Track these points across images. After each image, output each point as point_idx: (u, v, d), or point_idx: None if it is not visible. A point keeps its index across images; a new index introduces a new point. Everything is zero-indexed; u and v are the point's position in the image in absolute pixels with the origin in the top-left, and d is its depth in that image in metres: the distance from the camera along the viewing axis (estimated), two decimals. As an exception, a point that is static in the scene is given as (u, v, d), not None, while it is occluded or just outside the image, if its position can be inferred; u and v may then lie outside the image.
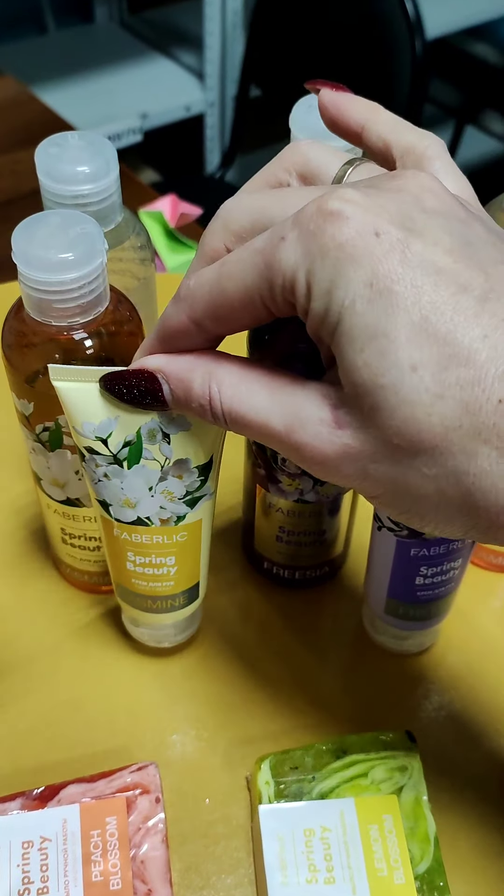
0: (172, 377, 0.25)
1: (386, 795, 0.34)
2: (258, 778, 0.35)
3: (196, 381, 0.25)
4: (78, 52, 1.69)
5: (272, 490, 0.39)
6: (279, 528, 0.41)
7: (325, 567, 0.43)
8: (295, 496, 0.38)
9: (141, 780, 0.34)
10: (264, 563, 0.43)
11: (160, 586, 0.36)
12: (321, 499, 0.39)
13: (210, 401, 0.24)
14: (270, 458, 0.37)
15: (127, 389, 0.27)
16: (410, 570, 0.36)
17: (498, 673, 0.40)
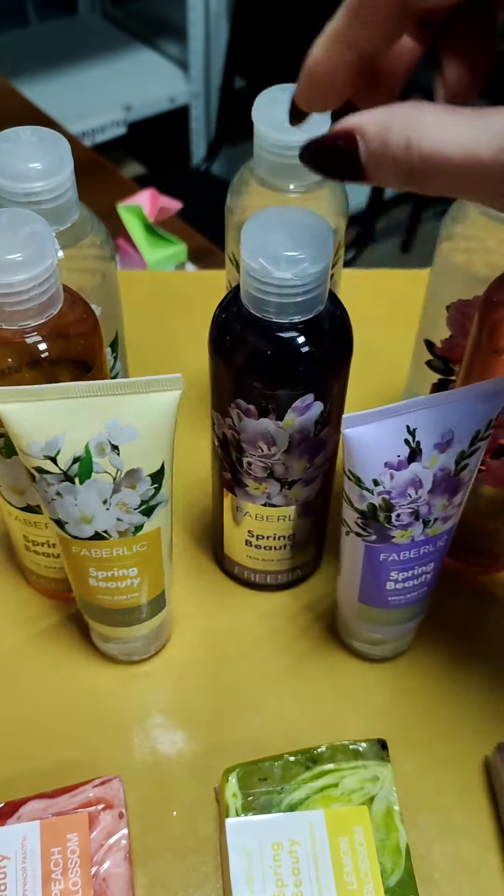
0: (371, 129, 0.22)
1: (356, 806, 0.33)
2: (226, 790, 0.34)
3: (395, 127, 0.22)
4: (61, 44, 1.67)
5: (239, 494, 0.38)
6: (248, 532, 0.40)
7: (297, 571, 0.42)
8: (262, 500, 0.37)
9: (104, 795, 0.33)
10: (235, 568, 0.42)
11: (125, 599, 0.36)
12: (289, 502, 0.38)
13: (409, 147, 0.22)
14: (236, 462, 0.36)
15: (326, 156, 0.24)
16: (380, 575, 0.35)
17: (474, 676, 0.39)
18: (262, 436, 0.34)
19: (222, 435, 0.36)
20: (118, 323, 0.41)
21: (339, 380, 0.34)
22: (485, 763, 0.37)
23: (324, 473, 0.37)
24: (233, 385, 0.33)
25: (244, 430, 0.34)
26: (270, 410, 0.33)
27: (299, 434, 0.34)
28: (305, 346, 0.32)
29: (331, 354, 0.33)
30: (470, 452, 0.32)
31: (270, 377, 0.32)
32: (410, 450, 0.31)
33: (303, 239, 0.30)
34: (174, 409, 0.32)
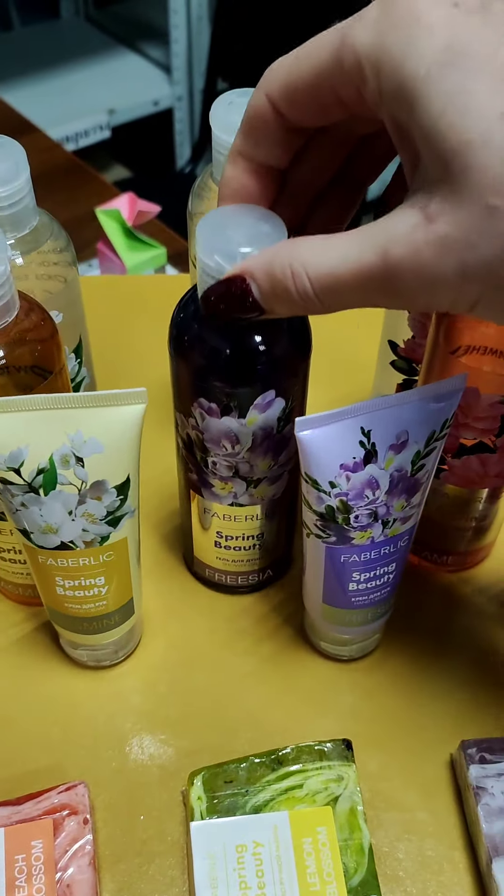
0: (257, 270, 0.24)
1: (320, 807, 0.34)
2: (191, 793, 0.34)
3: (277, 261, 0.24)
4: (43, 48, 1.67)
5: (206, 495, 0.38)
6: (217, 533, 0.40)
7: (267, 571, 0.42)
8: (229, 500, 0.38)
9: (69, 801, 0.33)
10: (206, 570, 0.42)
11: (93, 607, 0.36)
12: (255, 501, 0.38)
13: (294, 276, 0.23)
14: (201, 462, 0.36)
15: (224, 303, 0.26)
16: (343, 576, 0.35)
17: (440, 675, 0.40)
18: (225, 434, 0.34)
19: (186, 436, 0.36)
20: (81, 328, 0.41)
21: (300, 376, 0.34)
22: (450, 760, 0.37)
23: (289, 471, 0.37)
24: (194, 384, 0.33)
25: (207, 430, 0.34)
26: (233, 408, 0.33)
27: (262, 431, 0.34)
28: (264, 343, 0.32)
29: (291, 350, 0.33)
30: (426, 453, 0.32)
31: (231, 375, 0.33)
32: (366, 451, 0.31)
33: (257, 235, 0.30)
34: (139, 422, 0.32)
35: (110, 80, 1.64)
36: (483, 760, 0.35)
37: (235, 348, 0.32)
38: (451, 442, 0.37)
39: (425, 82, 0.20)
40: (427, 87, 0.20)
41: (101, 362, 0.49)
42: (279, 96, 0.24)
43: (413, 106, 0.21)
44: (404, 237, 0.21)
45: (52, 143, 1.09)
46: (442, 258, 0.21)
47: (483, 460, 0.37)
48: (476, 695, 0.39)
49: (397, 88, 0.21)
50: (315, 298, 0.23)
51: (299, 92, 0.24)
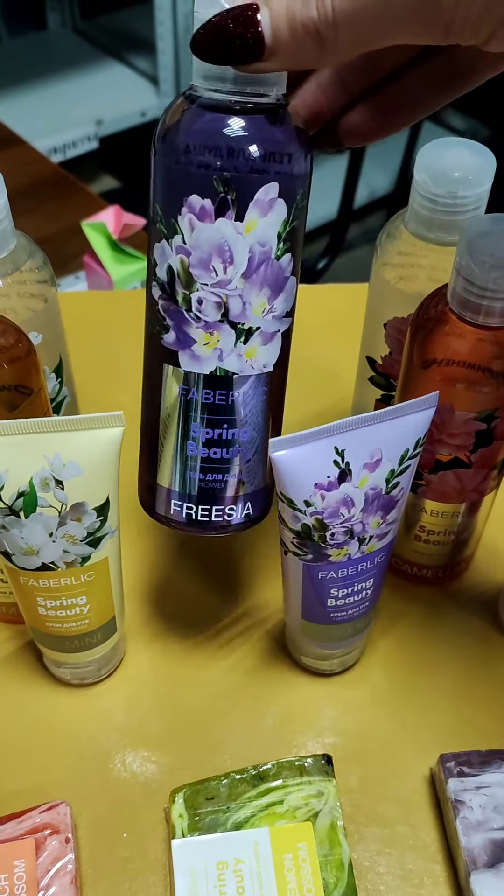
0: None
1: (300, 823, 0.34)
2: (172, 811, 0.34)
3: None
4: (31, 59, 1.67)
5: (184, 360, 0.31)
6: (192, 427, 0.32)
7: (247, 505, 0.33)
8: (213, 361, 0.31)
9: (51, 821, 0.34)
10: (171, 503, 0.33)
11: (75, 626, 0.36)
12: (245, 367, 0.31)
13: None
14: (182, 305, 0.30)
15: (222, 36, 0.22)
16: (321, 592, 0.35)
17: (420, 688, 0.40)
18: (217, 249, 0.29)
19: (167, 273, 0.30)
20: (61, 348, 0.42)
21: (303, 183, 0.30)
22: (430, 774, 0.37)
23: (283, 335, 0.32)
24: (184, 177, 0.29)
25: (197, 245, 0.29)
26: (230, 205, 0.28)
27: (260, 249, 0.29)
28: (270, 125, 0.28)
29: (292, 136, 0.29)
30: (400, 471, 0.33)
31: (232, 152, 0.28)
32: (340, 470, 0.31)
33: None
34: (117, 445, 0.32)
35: (98, 91, 1.64)
36: (461, 774, 0.35)
37: (239, 125, 0.28)
38: (427, 458, 0.37)
39: None
40: None
41: (83, 380, 0.50)
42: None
43: None
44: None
45: (38, 155, 1.09)
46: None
47: (459, 475, 0.37)
48: (456, 708, 0.39)
49: None
50: (332, 27, 0.21)
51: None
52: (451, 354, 0.35)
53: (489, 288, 0.31)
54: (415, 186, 0.37)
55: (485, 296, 0.31)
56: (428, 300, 0.36)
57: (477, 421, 0.35)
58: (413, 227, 0.38)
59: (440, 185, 0.36)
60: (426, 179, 0.36)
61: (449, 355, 0.35)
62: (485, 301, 0.31)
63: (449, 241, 0.37)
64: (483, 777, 0.35)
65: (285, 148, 0.29)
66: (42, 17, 1.79)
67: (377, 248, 0.40)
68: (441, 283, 0.35)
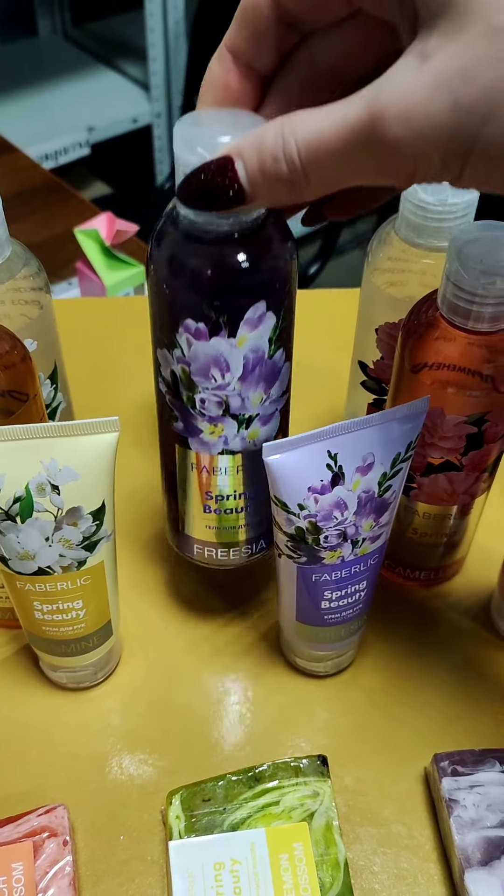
0: (246, 147, 0.23)
1: (296, 823, 0.34)
2: (169, 813, 0.35)
3: (269, 132, 0.22)
4: (22, 66, 1.68)
5: (193, 445, 0.34)
6: (206, 494, 0.36)
7: (260, 542, 0.39)
8: (219, 446, 0.34)
9: (49, 823, 0.34)
10: (194, 547, 0.39)
11: (71, 630, 0.36)
12: (247, 446, 0.34)
13: (284, 143, 0.22)
14: (188, 403, 0.33)
15: (205, 188, 0.24)
16: (315, 595, 0.36)
17: (413, 689, 0.40)
18: (214, 361, 0.31)
19: (170, 375, 0.33)
20: (56, 354, 0.42)
21: (288, 286, 0.32)
22: (424, 774, 0.38)
23: (281, 411, 0.35)
24: (179, 304, 0.30)
25: (195, 359, 0.31)
26: (222, 326, 0.30)
27: (254, 355, 0.32)
28: (252, 249, 0.30)
29: (278, 257, 0.31)
30: (392, 474, 0.33)
31: (220, 283, 0.30)
32: (333, 474, 0.32)
33: (236, 125, 0.27)
34: (112, 450, 0.33)
35: (89, 97, 1.65)
36: (455, 773, 0.35)
37: (223, 256, 0.30)
38: (419, 461, 0.38)
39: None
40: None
41: (78, 386, 0.50)
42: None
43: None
44: (394, 83, 0.20)
45: (30, 162, 1.09)
46: (434, 97, 0.19)
47: (451, 478, 0.38)
48: (449, 708, 0.40)
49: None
50: (302, 172, 0.22)
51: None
52: (441, 358, 0.35)
53: (478, 293, 0.31)
54: (405, 194, 0.37)
55: (474, 301, 0.32)
56: (418, 305, 0.36)
57: (468, 424, 0.35)
58: (403, 233, 0.38)
59: (430, 193, 0.36)
60: (416, 187, 0.37)
61: (439, 359, 0.35)
62: (474, 306, 0.32)
63: (438, 246, 0.38)
64: (476, 776, 0.35)
65: (271, 267, 0.31)
66: (33, 23, 1.80)
67: (368, 254, 0.41)
68: (431, 288, 0.36)
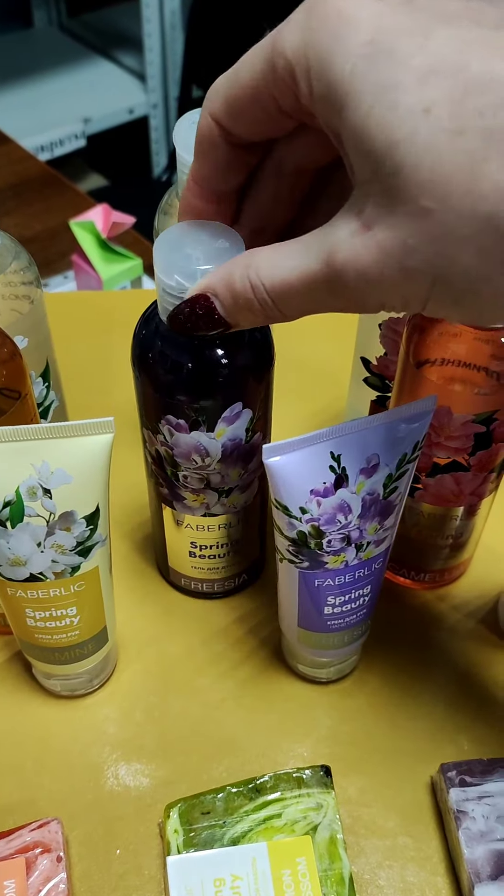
0: (218, 286, 0.25)
1: (299, 837, 0.33)
2: (167, 826, 0.33)
3: (236, 275, 0.24)
4: (17, 57, 1.66)
5: (178, 507, 0.38)
6: (190, 543, 0.39)
7: (242, 576, 0.42)
8: (201, 511, 0.37)
9: (42, 839, 0.33)
10: (181, 580, 0.42)
11: (65, 637, 0.35)
12: (228, 509, 0.37)
13: (252, 287, 0.24)
14: (172, 477, 0.36)
15: (191, 321, 0.26)
16: (317, 600, 0.34)
17: (418, 694, 0.39)
18: (195, 449, 0.34)
19: (155, 452, 0.36)
20: (48, 351, 0.41)
21: (265, 384, 0.34)
22: (430, 783, 0.36)
23: (259, 477, 0.37)
24: (160, 401, 0.33)
25: (177, 445, 0.34)
26: (201, 423, 0.33)
27: (231, 442, 0.34)
28: (227, 356, 0.32)
29: (255, 361, 0.33)
30: (398, 475, 0.32)
31: (197, 390, 0.32)
32: (336, 476, 0.31)
33: (215, 252, 0.29)
34: (107, 452, 0.31)
35: (85, 88, 1.63)
36: (463, 783, 0.34)
37: (200, 363, 0.32)
38: (425, 461, 0.36)
39: (351, 79, 0.20)
40: (353, 84, 0.20)
41: (71, 383, 0.48)
42: (222, 113, 0.24)
43: (342, 106, 0.20)
44: (345, 244, 0.21)
45: (25, 154, 1.07)
46: (383, 263, 0.21)
47: (457, 479, 0.37)
48: (455, 714, 0.38)
49: (326, 88, 0.20)
50: (274, 307, 0.24)
51: (240, 104, 0.23)
52: (447, 354, 0.34)
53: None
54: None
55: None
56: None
57: (476, 423, 0.34)
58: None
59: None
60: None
61: (445, 355, 0.34)
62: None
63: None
64: (485, 786, 0.34)
65: (248, 368, 0.33)
66: (28, 14, 1.78)
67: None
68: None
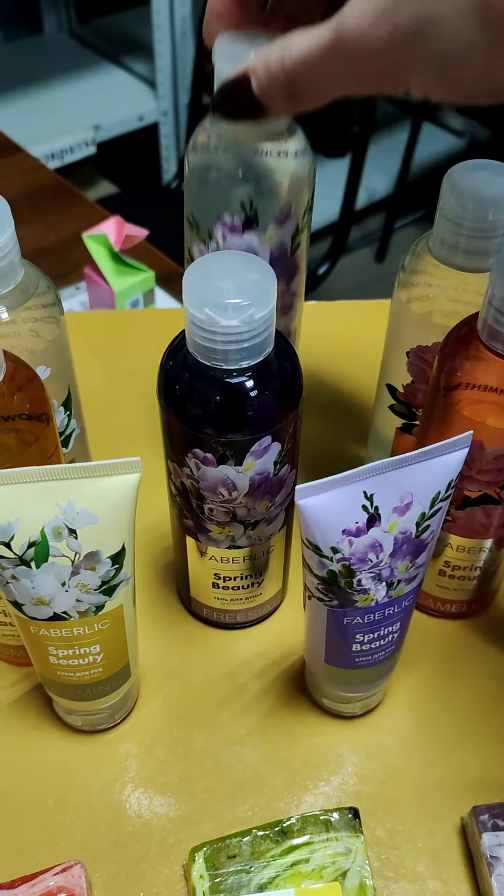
0: (258, 65, 0.27)
1: (328, 883, 0.32)
2: (192, 871, 0.33)
3: (272, 53, 0.27)
4: (27, 64, 1.65)
5: (202, 539, 0.37)
6: (214, 575, 0.39)
7: (265, 606, 0.42)
8: (226, 543, 0.37)
9: (65, 883, 0.32)
10: (203, 610, 0.42)
11: (87, 675, 0.34)
12: (254, 542, 0.37)
13: (283, 61, 0.26)
14: (197, 509, 0.35)
15: (230, 102, 0.28)
16: (346, 637, 0.34)
17: (448, 730, 0.38)
18: (222, 482, 0.33)
19: (180, 484, 0.35)
20: (70, 378, 0.40)
21: (294, 418, 0.33)
22: (461, 824, 0.36)
23: (285, 509, 0.37)
24: (187, 435, 0.32)
25: (203, 479, 0.33)
26: (229, 457, 0.32)
27: (259, 476, 0.33)
28: (257, 390, 0.31)
29: (284, 395, 0.33)
30: (431, 514, 0.31)
31: (226, 425, 0.32)
32: (369, 515, 0.30)
33: (246, 284, 0.29)
34: (133, 492, 0.31)
35: (95, 95, 1.63)
36: (496, 827, 0.33)
37: (230, 397, 0.31)
38: (456, 494, 0.35)
39: None
40: None
41: (89, 407, 0.48)
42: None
43: None
44: (350, 13, 0.24)
45: (37, 163, 1.07)
46: (376, 24, 0.24)
47: (488, 511, 0.36)
48: (487, 752, 0.38)
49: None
50: (297, 80, 0.26)
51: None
52: (480, 386, 0.33)
53: (525, 322, 0.29)
54: (439, 207, 0.35)
55: (520, 330, 0.30)
56: (457, 329, 0.34)
57: (509, 457, 0.33)
58: (438, 250, 0.36)
59: (471, 210, 0.34)
60: (452, 201, 0.34)
61: (478, 388, 0.33)
62: (520, 335, 0.30)
63: (477, 267, 0.35)
64: (518, 830, 0.33)
65: (277, 401, 0.32)
66: (38, 20, 1.77)
67: (400, 271, 0.38)
68: (467, 312, 0.34)
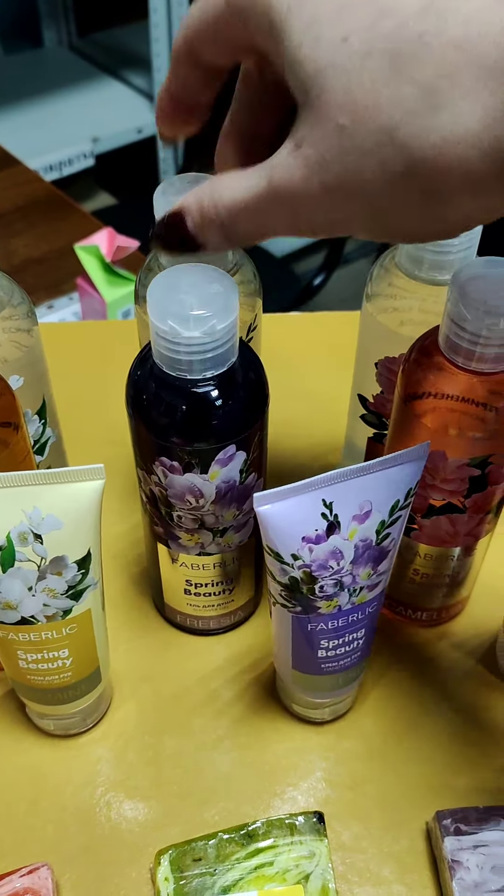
0: (192, 204, 0.27)
1: (291, 886, 0.33)
2: (158, 874, 0.33)
3: (204, 194, 0.27)
4: (27, 77, 1.67)
5: (173, 546, 0.38)
6: (186, 581, 0.39)
7: (238, 613, 0.42)
8: (196, 550, 0.37)
9: (31, 885, 0.33)
10: (176, 616, 0.42)
11: (57, 679, 0.35)
12: (223, 549, 0.37)
13: (215, 205, 0.26)
14: (166, 516, 0.36)
15: (165, 237, 0.28)
16: (311, 643, 0.34)
17: (415, 736, 0.39)
18: (189, 490, 0.34)
19: (150, 491, 0.36)
20: (44, 387, 0.41)
21: (259, 427, 0.34)
22: (426, 829, 0.36)
23: (254, 517, 0.37)
24: (154, 443, 0.33)
25: (171, 486, 0.34)
26: (194, 465, 0.33)
27: (225, 484, 0.34)
28: (221, 399, 0.32)
29: (248, 404, 0.33)
30: (391, 522, 0.32)
31: (191, 433, 0.32)
32: (328, 523, 0.30)
33: (208, 296, 0.30)
34: (98, 498, 0.31)
35: (94, 108, 1.64)
36: (458, 832, 0.34)
37: (194, 406, 0.32)
38: (420, 502, 0.36)
39: (287, 18, 0.23)
40: (289, 22, 0.23)
41: (69, 416, 0.48)
42: (193, 35, 0.26)
43: (279, 41, 0.23)
44: (281, 164, 0.24)
45: (33, 175, 1.08)
46: (307, 178, 0.23)
47: (453, 520, 0.36)
48: (452, 758, 0.38)
49: (268, 26, 0.23)
50: (231, 225, 0.26)
51: (207, 31, 0.26)
52: (441, 397, 0.34)
53: (482, 335, 0.30)
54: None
55: (477, 342, 0.30)
56: (419, 341, 0.35)
57: (470, 467, 0.34)
58: (404, 264, 0.37)
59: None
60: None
61: (440, 398, 0.34)
62: (477, 348, 0.30)
63: (440, 280, 0.36)
64: (481, 835, 0.34)
65: (242, 410, 0.33)
66: (38, 34, 1.80)
67: (368, 284, 0.39)
68: (433, 323, 0.34)
